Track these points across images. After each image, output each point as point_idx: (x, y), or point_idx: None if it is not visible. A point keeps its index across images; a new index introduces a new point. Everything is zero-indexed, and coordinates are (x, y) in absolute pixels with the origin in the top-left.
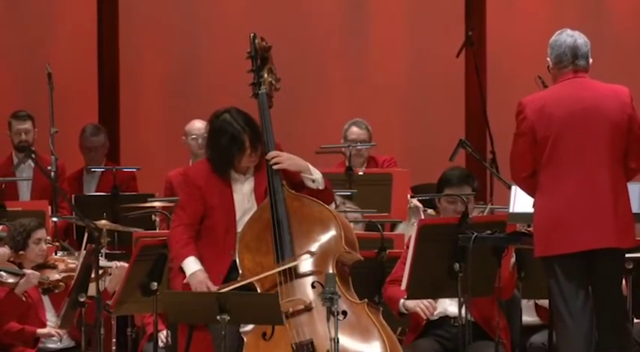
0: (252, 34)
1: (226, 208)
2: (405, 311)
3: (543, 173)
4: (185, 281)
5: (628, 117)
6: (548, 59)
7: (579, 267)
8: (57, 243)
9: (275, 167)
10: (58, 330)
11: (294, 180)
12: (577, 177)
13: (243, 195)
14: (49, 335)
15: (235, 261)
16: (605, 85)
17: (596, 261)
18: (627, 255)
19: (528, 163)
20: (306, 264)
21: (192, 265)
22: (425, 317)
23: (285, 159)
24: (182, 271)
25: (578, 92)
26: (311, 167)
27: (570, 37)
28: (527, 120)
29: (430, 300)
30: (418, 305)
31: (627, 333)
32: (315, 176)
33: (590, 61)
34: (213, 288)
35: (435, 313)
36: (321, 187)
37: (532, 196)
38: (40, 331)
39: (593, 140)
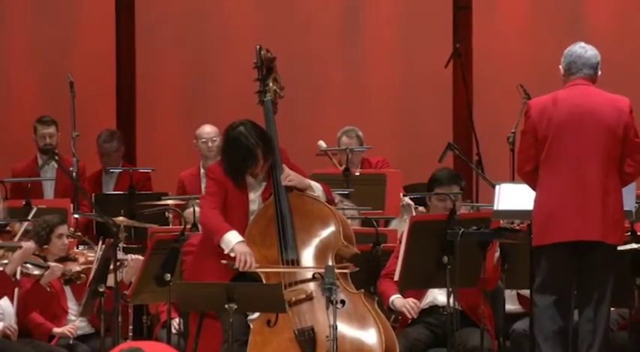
0: (258, 46)
1: (242, 210)
2: (393, 308)
3: (542, 169)
4: (228, 251)
5: (624, 124)
6: (560, 67)
7: (567, 257)
8: (79, 233)
9: (290, 185)
10: (72, 329)
11: None
12: (570, 174)
13: (256, 198)
14: (64, 335)
15: None
16: (607, 94)
17: (583, 253)
18: None
19: (530, 159)
20: (307, 257)
21: (236, 236)
22: (410, 317)
23: (294, 178)
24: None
25: (578, 98)
26: (313, 184)
27: (582, 48)
28: (530, 120)
29: (415, 301)
30: (404, 306)
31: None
32: (317, 193)
33: (599, 72)
34: (255, 265)
35: (425, 302)
36: (323, 200)
37: (534, 190)
38: (55, 330)
39: (587, 142)
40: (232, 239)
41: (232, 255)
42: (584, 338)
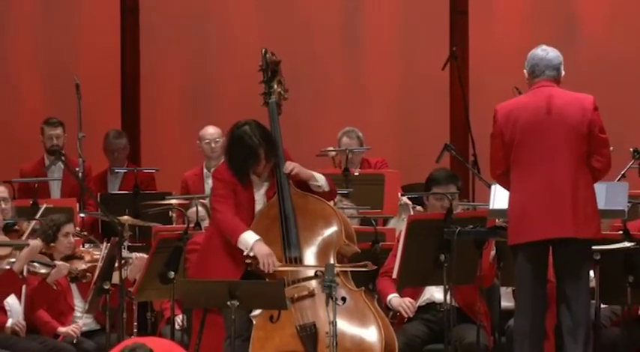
0: (263, 50)
1: (249, 208)
2: (390, 307)
3: (513, 171)
4: (248, 252)
5: (588, 121)
6: (524, 71)
7: (540, 255)
8: (85, 232)
9: (292, 173)
10: (76, 329)
11: (300, 181)
12: (539, 175)
13: (260, 197)
14: (67, 334)
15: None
16: (571, 94)
17: (557, 250)
18: (595, 247)
19: (501, 162)
20: (310, 255)
21: (252, 235)
22: (406, 316)
23: (297, 167)
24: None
25: (543, 100)
26: (315, 174)
27: (543, 51)
28: (497, 124)
29: (411, 300)
30: (400, 305)
31: (587, 317)
32: (320, 182)
33: (563, 73)
34: (278, 264)
35: (423, 299)
36: (326, 189)
37: (508, 191)
38: (59, 329)
39: (553, 142)
40: (249, 239)
41: (252, 254)
42: (567, 336)
